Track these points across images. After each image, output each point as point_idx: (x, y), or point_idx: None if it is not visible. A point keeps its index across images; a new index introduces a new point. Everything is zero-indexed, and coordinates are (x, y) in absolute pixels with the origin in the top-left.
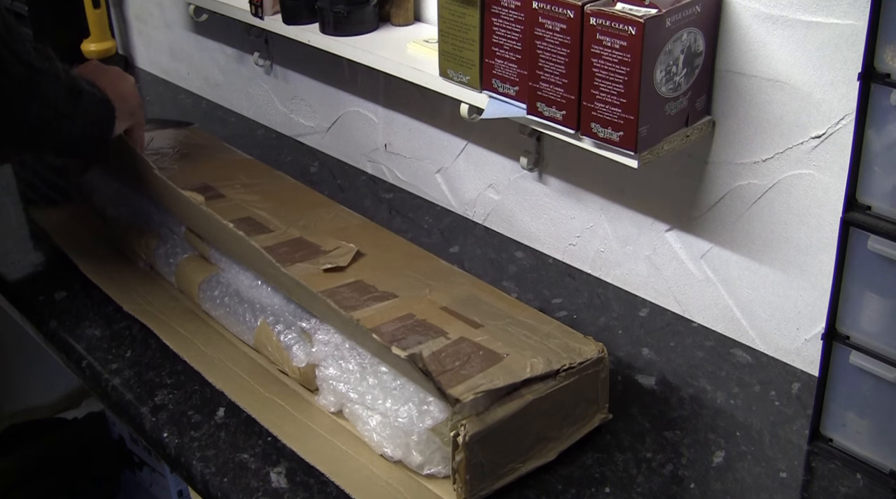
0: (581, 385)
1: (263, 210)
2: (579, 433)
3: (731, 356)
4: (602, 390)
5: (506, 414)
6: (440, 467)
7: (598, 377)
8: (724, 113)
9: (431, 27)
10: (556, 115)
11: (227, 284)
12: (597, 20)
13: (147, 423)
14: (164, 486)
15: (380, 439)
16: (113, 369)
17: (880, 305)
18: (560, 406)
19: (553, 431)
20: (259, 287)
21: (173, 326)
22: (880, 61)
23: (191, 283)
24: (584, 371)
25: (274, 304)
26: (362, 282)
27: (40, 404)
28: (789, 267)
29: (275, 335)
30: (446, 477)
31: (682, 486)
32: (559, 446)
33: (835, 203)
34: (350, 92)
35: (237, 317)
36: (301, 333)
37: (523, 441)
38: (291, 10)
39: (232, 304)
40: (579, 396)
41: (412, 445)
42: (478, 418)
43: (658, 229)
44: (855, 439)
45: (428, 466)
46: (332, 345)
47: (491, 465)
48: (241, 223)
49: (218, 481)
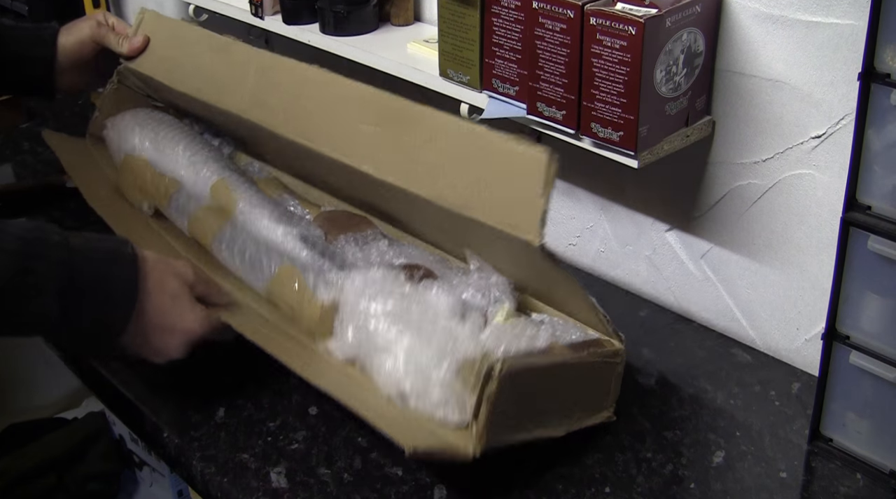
0: (601, 370)
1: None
2: (586, 422)
3: (731, 356)
4: (615, 386)
5: (540, 362)
6: (454, 415)
7: (614, 370)
8: (724, 113)
9: (431, 27)
10: (556, 115)
11: (250, 233)
12: (597, 20)
13: (147, 423)
14: (164, 486)
15: (402, 373)
16: (113, 369)
17: (880, 305)
18: (579, 383)
19: (567, 407)
20: (284, 244)
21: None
22: (880, 61)
23: (207, 229)
24: (606, 358)
25: (298, 259)
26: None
27: (40, 404)
28: (789, 267)
29: (301, 275)
30: (457, 427)
31: (682, 486)
32: (568, 425)
33: (835, 203)
34: None
35: (255, 265)
36: (326, 283)
37: (542, 403)
38: (291, 10)
39: (252, 254)
40: (596, 382)
41: (434, 381)
42: (515, 357)
43: (658, 229)
44: (855, 439)
45: (442, 408)
46: (360, 286)
47: (512, 413)
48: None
49: (218, 481)
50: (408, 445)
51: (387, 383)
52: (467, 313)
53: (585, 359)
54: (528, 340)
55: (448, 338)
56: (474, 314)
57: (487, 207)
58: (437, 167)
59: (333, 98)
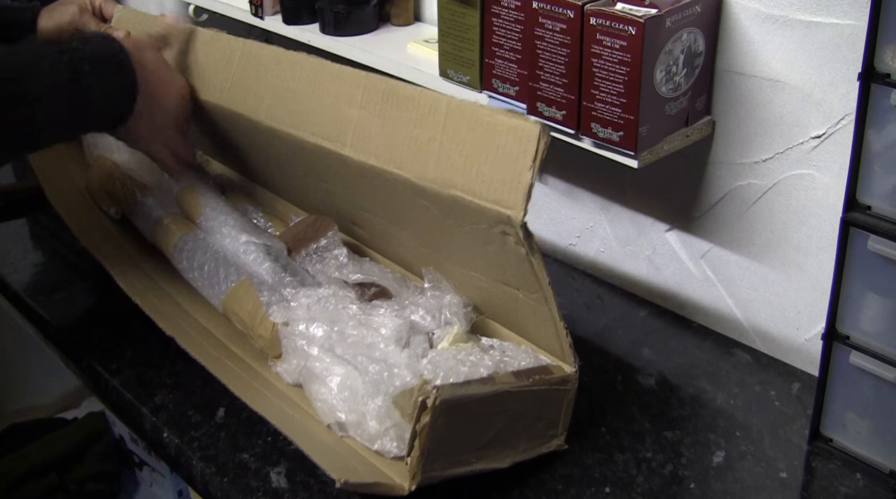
0: (548, 399)
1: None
2: (534, 452)
3: (731, 356)
4: (565, 414)
5: (478, 392)
6: (392, 446)
7: (564, 397)
8: (724, 113)
9: (431, 27)
10: (556, 115)
11: (211, 245)
12: (597, 20)
13: (147, 423)
14: (164, 486)
15: (336, 403)
16: (113, 369)
17: (880, 305)
18: (524, 413)
19: (512, 438)
20: (245, 255)
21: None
22: (880, 61)
23: (170, 237)
24: (554, 385)
25: (257, 273)
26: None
27: (40, 404)
28: (789, 267)
29: (255, 291)
30: (395, 458)
31: (682, 486)
32: (513, 456)
33: (835, 203)
34: None
35: (214, 278)
36: (280, 298)
37: (483, 435)
38: (291, 10)
39: (211, 265)
40: (543, 411)
41: (369, 413)
42: (451, 386)
43: (658, 229)
44: (855, 439)
45: (380, 440)
46: (306, 307)
47: (449, 446)
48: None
49: (218, 481)
50: (338, 477)
51: (324, 411)
52: (412, 338)
53: (529, 387)
54: (471, 367)
55: (385, 367)
56: (418, 338)
57: (471, 183)
58: (423, 146)
59: (319, 81)
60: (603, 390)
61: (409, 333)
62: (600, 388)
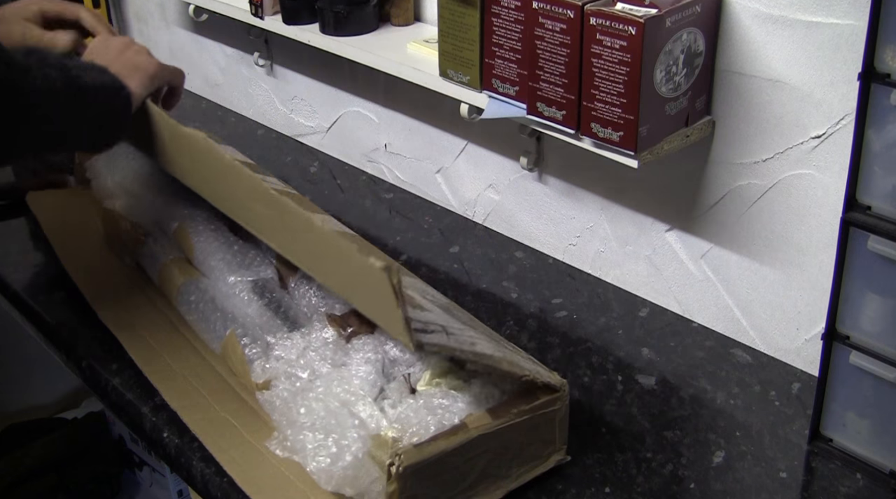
0: (535, 424)
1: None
2: (532, 474)
3: (731, 356)
4: (560, 430)
5: (446, 447)
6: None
7: (555, 417)
8: (724, 113)
9: (431, 27)
10: (556, 115)
11: (205, 290)
12: (597, 20)
13: (147, 423)
14: (164, 486)
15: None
16: (113, 369)
17: (880, 305)
18: (510, 445)
19: (501, 469)
20: (235, 296)
21: (143, 334)
22: (880, 61)
23: (171, 285)
24: (539, 410)
25: (246, 315)
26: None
27: (40, 404)
28: (789, 267)
29: (241, 347)
30: None
31: (682, 486)
32: (507, 485)
33: (835, 203)
34: (350, 92)
35: (209, 324)
36: (266, 347)
37: (466, 477)
38: (291, 10)
39: (206, 311)
40: (533, 435)
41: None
42: (416, 449)
43: (658, 229)
44: (855, 439)
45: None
46: (285, 361)
47: (431, 497)
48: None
49: (218, 481)
50: None
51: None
52: (388, 383)
53: (508, 423)
54: (442, 414)
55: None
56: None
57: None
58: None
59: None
60: (603, 390)
61: (386, 376)
62: (600, 388)
